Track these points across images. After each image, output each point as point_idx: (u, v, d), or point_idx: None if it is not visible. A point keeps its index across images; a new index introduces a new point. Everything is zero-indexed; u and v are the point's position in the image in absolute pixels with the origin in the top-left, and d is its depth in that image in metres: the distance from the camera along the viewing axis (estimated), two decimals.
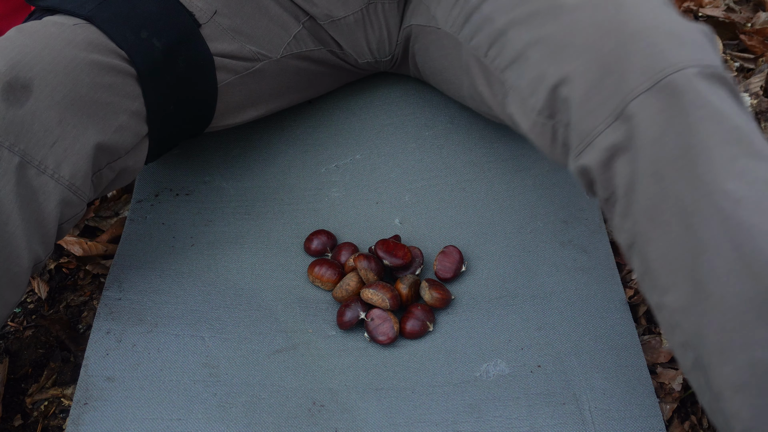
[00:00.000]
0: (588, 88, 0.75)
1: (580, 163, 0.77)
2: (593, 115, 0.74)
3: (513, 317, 0.98)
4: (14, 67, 0.79)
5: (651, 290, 0.75)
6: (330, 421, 0.89)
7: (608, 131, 0.73)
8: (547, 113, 0.81)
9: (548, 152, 0.85)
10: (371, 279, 0.98)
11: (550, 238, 1.07)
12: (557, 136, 0.82)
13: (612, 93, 0.73)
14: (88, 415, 0.89)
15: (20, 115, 0.78)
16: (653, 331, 1.02)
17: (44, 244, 0.83)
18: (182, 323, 0.98)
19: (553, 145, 0.83)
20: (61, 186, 0.82)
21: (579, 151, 0.77)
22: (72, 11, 0.87)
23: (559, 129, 0.81)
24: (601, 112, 0.74)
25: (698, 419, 0.94)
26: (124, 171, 0.92)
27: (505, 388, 0.91)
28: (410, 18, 1.11)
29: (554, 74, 0.78)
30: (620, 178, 0.74)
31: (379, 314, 0.95)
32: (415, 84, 1.27)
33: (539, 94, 0.81)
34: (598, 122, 0.74)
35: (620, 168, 0.73)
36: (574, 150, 0.78)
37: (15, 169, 0.78)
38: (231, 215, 1.11)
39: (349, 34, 1.11)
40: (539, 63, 0.81)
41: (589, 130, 0.75)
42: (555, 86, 0.79)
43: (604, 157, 0.74)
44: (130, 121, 0.88)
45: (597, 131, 0.74)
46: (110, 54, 0.86)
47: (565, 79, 0.77)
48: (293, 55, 1.09)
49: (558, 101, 0.79)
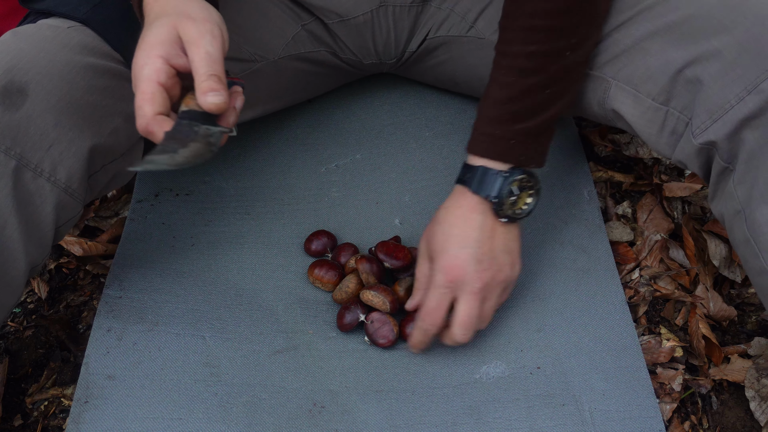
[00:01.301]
0: (724, 65, 0.80)
1: (705, 139, 0.83)
2: (726, 90, 0.80)
3: (512, 318, 0.98)
4: (10, 71, 0.79)
5: (754, 257, 0.81)
6: (330, 422, 0.89)
7: (740, 105, 0.79)
8: (663, 98, 0.87)
9: (653, 141, 0.91)
10: (372, 282, 0.98)
11: (550, 238, 1.07)
12: (667, 123, 0.88)
13: (747, 69, 0.79)
14: (88, 414, 0.89)
15: (16, 118, 0.78)
16: (653, 332, 1.02)
17: (41, 247, 0.83)
18: (183, 322, 0.98)
19: (660, 133, 0.89)
20: (58, 189, 0.82)
21: (704, 128, 0.83)
22: (67, 14, 0.87)
23: (671, 115, 0.87)
24: (734, 88, 0.80)
25: (698, 419, 0.94)
26: (120, 173, 0.92)
27: (505, 390, 0.92)
28: (434, 27, 1.11)
29: (681, 57, 0.84)
30: (745, 145, 0.80)
31: (379, 317, 0.95)
32: (415, 85, 1.27)
33: (658, 78, 0.87)
34: (731, 97, 0.80)
35: (747, 137, 0.79)
36: (697, 128, 0.84)
37: (11, 172, 0.78)
38: (231, 215, 1.11)
39: (356, 35, 1.10)
40: (660, 50, 0.86)
41: (720, 104, 0.81)
42: (681, 68, 0.84)
43: (733, 129, 0.80)
44: (125, 123, 0.88)
45: (729, 105, 0.80)
46: (105, 57, 0.86)
47: (695, 60, 0.83)
48: (291, 56, 1.08)
49: (680, 84, 0.85)
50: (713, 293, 1.05)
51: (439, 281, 0.89)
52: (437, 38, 1.12)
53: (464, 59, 1.11)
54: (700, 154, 0.86)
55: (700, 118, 0.83)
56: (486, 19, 1.07)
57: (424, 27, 1.11)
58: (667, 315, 1.04)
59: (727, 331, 1.04)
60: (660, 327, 1.02)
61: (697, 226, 1.14)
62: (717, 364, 0.99)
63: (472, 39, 1.08)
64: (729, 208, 0.85)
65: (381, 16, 1.09)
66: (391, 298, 0.96)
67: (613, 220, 1.16)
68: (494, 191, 0.88)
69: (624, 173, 1.22)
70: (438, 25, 1.11)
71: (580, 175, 1.16)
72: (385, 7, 1.09)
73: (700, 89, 0.83)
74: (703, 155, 0.86)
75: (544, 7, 0.85)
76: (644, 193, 1.20)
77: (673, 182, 1.19)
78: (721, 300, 1.05)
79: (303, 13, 1.09)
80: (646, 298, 1.05)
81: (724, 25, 0.82)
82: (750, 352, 1.00)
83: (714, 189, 0.87)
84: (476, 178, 0.89)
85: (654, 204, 1.17)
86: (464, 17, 1.08)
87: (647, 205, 1.17)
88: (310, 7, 1.08)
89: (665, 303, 1.06)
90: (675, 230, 1.15)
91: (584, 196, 1.13)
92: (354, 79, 1.25)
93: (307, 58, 1.11)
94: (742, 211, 0.82)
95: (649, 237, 1.12)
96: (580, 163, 1.18)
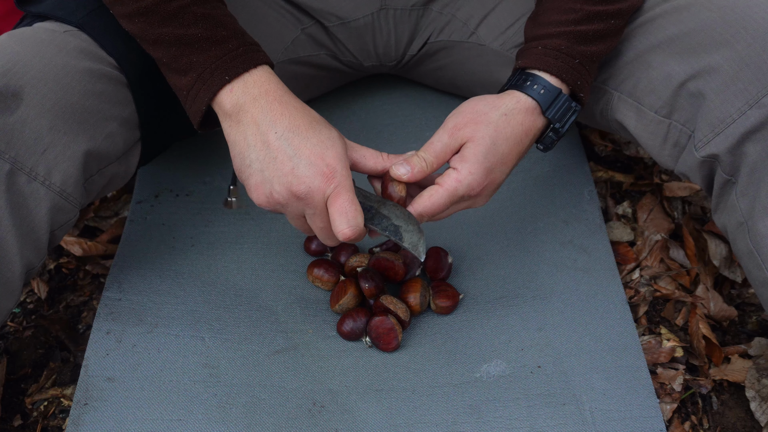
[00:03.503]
0: (726, 79, 0.81)
1: (707, 152, 0.84)
2: (728, 104, 0.81)
3: (513, 318, 0.98)
4: (5, 74, 0.79)
5: (757, 268, 0.82)
6: (330, 422, 0.89)
7: (742, 119, 0.80)
8: (666, 112, 0.87)
9: (656, 153, 0.91)
10: (372, 294, 0.97)
11: (550, 238, 1.07)
12: (669, 136, 0.88)
13: (748, 84, 0.80)
14: (88, 416, 0.89)
15: (11, 122, 0.78)
16: (653, 332, 1.02)
17: (36, 251, 0.83)
18: (182, 323, 0.98)
19: (663, 145, 0.90)
20: (52, 192, 0.82)
21: (706, 141, 0.83)
22: (63, 18, 0.87)
23: (673, 128, 0.88)
24: (736, 102, 0.80)
25: (698, 419, 0.94)
26: (116, 176, 0.92)
27: (505, 389, 0.91)
28: (435, 32, 1.11)
29: (683, 71, 0.85)
30: (747, 159, 0.81)
31: (384, 323, 0.94)
32: (415, 85, 1.27)
33: (660, 92, 0.87)
34: (733, 111, 0.81)
35: (749, 150, 0.80)
36: (699, 141, 0.84)
37: (5, 176, 0.78)
38: (231, 215, 1.11)
39: (357, 38, 1.10)
40: (663, 63, 0.87)
41: (722, 118, 0.81)
42: (683, 82, 0.85)
43: (735, 142, 0.81)
44: (120, 128, 0.88)
45: (731, 119, 0.81)
46: (101, 61, 0.86)
47: (697, 74, 0.83)
48: (291, 60, 1.08)
49: (682, 97, 0.85)
50: (713, 293, 1.05)
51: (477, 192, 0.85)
52: (438, 42, 1.12)
53: (464, 65, 1.12)
54: (703, 167, 0.86)
55: (702, 131, 0.84)
56: (488, 27, 1.07)
57: (425, 31, 1.12)
58: (668, 315, 1.04)
59: (727, 331, 1.04)
60: (660, 327, 1.02)
61: (698, 226, 1.14)
62: (717, 364, 0.99)
63: (473, 45, 1.09)
64: (732, 221, 0.85)
65: (382, 19, 1.09)
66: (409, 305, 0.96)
67: (613, 220, 1.16)
68: (558, 117, 0.86)
69: (624, 173, 1.22)
70: (439, 30, 1.11)
71: (581, 175, 1.16)
72: (385, 10, 1.09)
73: (702, 103, 0.83)
74: (706, 168, 0.86)
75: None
76: (644, 193, 1.20)
77: (673, 182, 1.19)
78: (721, 300, 1.05)
79: (303, 17, 1.09)
80: (647, 298, 1.05)
81: (725, 39, 0.82)
82: (750, 353, 1.00)
83: (717, 201, 0.88)
84: (547, 96, 0.85)
85: (654, 204, 1.17)
86: (466, 23, 1.08)
87: (647, 205, 1.17)
88: (310, 10, 1.08)
89: (665, 303, 1.05)
90: (675, 230, 1.15)
91: (584, 195, 1.13)
92: (354, 80, 1.25)
93: (307, 61, 1.11)
94: (745, 223, 0.83)
95: (650, 237, 1.12)
96: (580, 163, 1.18)
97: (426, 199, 0.84)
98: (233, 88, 0.80)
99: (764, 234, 0.80)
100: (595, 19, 0.85)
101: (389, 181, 0.85)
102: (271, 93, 0.80)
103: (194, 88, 0.80)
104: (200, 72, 0.80)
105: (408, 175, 0.84)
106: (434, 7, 1.10)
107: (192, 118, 0.83)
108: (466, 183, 0.83)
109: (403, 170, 0.84)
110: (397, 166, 0.84)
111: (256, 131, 0.79)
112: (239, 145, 0.81)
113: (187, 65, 0.80)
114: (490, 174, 0.84)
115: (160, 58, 0.82)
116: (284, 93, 0.82)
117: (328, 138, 0.80)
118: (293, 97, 0.82)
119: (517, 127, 0.85)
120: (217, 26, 0.80)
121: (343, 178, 0.79)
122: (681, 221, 1.15)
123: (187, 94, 0.81)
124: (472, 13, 1.08)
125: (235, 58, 0.80)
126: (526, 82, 0.85)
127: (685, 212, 1.17)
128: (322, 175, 0.78)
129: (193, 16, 0.80)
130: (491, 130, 0.83)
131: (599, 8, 0.85)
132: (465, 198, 0.85)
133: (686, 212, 1.17)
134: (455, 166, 0.84)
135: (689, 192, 1.17)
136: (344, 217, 0.79)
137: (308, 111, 0.82)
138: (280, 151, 0.78)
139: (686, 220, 1.14)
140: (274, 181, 0.79)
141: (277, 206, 0.82)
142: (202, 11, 0.80)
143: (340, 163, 0.79)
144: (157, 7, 0.79)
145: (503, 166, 0.85)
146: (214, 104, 0.82)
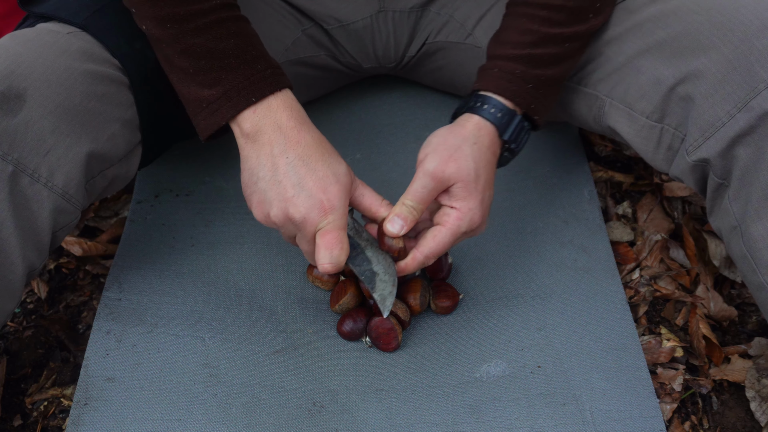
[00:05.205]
0: (714, 83, 0.80)
1: (698, 156, 0.83)
2: (717, 108, 0.80)
3: (513, 317, 0.98)
4: (8, 76, 0.79)
5: (752, 272, 0.81)
6: (330, 422, 0.89)
7: (731, 123, 0.80)
8: (657, 116, 0.88)
9: (650, 157, 0.91)
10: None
11: (550, 238, 1.07)
12: (662, 141, 0.88)
13: (737, 87, 0.79)
14: (88, 416, 0.89)
15: (14, 124, 0.78)
16: (653, 332, 1.02)
17: (38, 252, 0.83)
18: (182, 323, 0.98)
19: (657, 150, 0.90)
20: (55, 194, 0.82)
21: (697, 146, 0.83)
22: (66, 19, 0.87)
23: (666, 132, 0.88)
24: (725, 105, 0.80)
25: (698, 419, 0.94)
26: (117, 178, 0.92)
27: (505, 389, 0.91)
28: (433, 32, 1.11)
29: (672, 75, 0.85)
30: (738, 162, 0.80)
31: (384, 324, 0.94)
32: (415, 85, 1.27)
33: (651, 97, 0.87)
34: (722, 114, 0.80)
35: (740, 153, 0.80)
36: (690, 145, 0.84)
37: (8, 177, 0.78)
38: (231, 215, 1.11)
39: (356, 40, 1.11)
40: (652, 68, 0.86)
41: (711, 122, 0.81)
42: (673, 86, 0.84)
43: (725, 146, 0.80)
44: (122, 129, 0.88)
45: (720, 123, 0.80)
46: (104, 63, 0.86)
47: (686, 78, 0.83)
48: (291, 61, 1.08)
49: (673, 101, 0.85)
50: (713, 293, 1.05)
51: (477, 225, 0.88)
52: (436, 43, 1.12)
53: (462, 66, 1.12)
54: (695, 171, 0.86)
55: (692, 135, 0.84)
56: (483, 28, 1.07)
57: (423, 32, 1.12)
58: (668, 315, 1.04)
59: (727, 331, 1.04)
60: (660, 327, 1.02)
61: (698, 226, 1.14)
62: (717, 364, 0.99)
63: (470, 47, 1.09)
64: (726, 224, 0.85)
65: (381, 21, 1.10)
66: (409, 305, 0.96)
67: (613, 220, 1.16)
68: (513, 138, 0.89)
69: (624, 173, 1.22)
70: (437, 31, 1.11)
71: (581, 175, 1.16)
72: (384, 12, 1.09)
73: (692, 107, 0.83)
74: (698, 171, 0.86)
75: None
76: (644, 193, 1.20)
77: (673, 182, 1.19)
78: (721, 300, 1.05)
79: (303, 19, 1.09)
80: (647, 298, 1.05)
81: (712, 42, 0.82)
82: (750, 353, 1.00)
83: (711, 205, 0.88)
84: (503, 119, 0.87)
85: (654, 204, 1.17)
86: (463, 24, 1.08)
87: (647, 205, 1.17)
88: (310, 13, 1.08)
89: (665, 303, 1.05)
90: (675, 230, 1.15)
91: (584, 195, 1.13)
92: (353, 81, 1.25)
93: (307, 62, 1.11)
94: (738, 227, 0.83)
95: (650, 237, 1.12)
96: (580, 163, 1.18)
97: (431, 240, 0.87)
98: (257, 109, 0.82)
99: (756, 238, 0.80)
100: (550, 42, 0.87)
101: (384, 235, 0.88)
102: (293, 119, 0.83)
103: (217, 102, 0.82)
104: (227, 89, 0.82)
105: (403, 231, 0.87)
106: (432, 8, 1.10)
107: (203, 129, 0.85)
108: (467, 219, 0.87)
109: (397, 227, 0.87)
110: (391, 223, 0.87)
111: (269, 153, 0.82)
112: (250, 162, 0.84)
113: (214, 80, 0.82)
114: (484, 203, 0.88)
115: (185, 67, 0.82)
116: (304, 121, 0.85)
117: (335, 173, 0.83)
118: (311, 126, 0.85)
119: (487, 152, 0.88)
120: (247, 45, 0.83)
121: (339, 215, 0.83)
122: (681, 221, 1.15)
123: (206, 106, 0.83)
124: (469, 14, 1.08)
125: (263, 80, 0.82)
126: (484, 105, 0.88)
127: (685, 212, 1.17)
128: (320, 209, 0.81)
129: (227, 31, 0.82)
130: (471, 163, 0.86)
131: (555, 31, 0.87)
132: (467, 232, 0.88)
133: (686, 212, 1.17)
134: (452, 205, 0.87)
135: (689, 192, 1.17)
136: (328, 252, 0.82)
137: (322, 142, 0.85)
138: (285, 177, 0.82)
139: (686, 220, 1.14)
140: (274, 203, 0.82)
141: (273, 225, 0.85)
142: (235, 28, 0.82)
143: (339, 201, 0.82)
144: (193, 17, 0.80)
145: (489, 190, 0.89)
146: (233, 122, 0.84)
